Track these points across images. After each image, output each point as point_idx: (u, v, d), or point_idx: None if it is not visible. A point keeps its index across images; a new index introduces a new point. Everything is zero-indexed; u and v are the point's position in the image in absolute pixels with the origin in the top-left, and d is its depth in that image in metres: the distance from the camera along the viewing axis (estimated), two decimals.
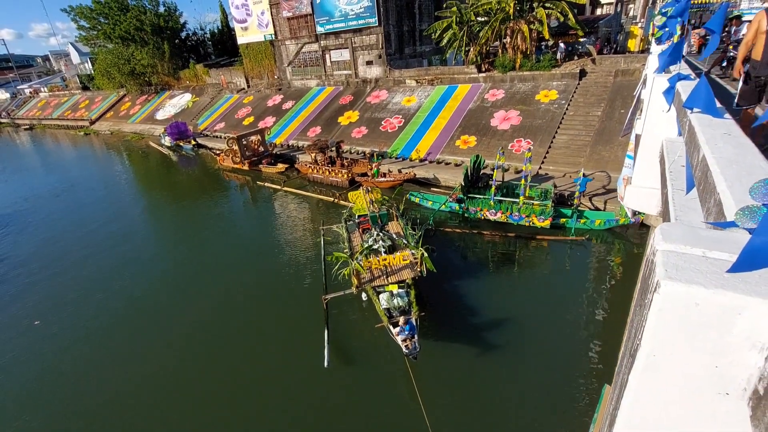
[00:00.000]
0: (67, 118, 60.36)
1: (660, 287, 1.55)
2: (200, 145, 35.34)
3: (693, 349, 1.62)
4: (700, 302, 1.52)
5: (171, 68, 50.62)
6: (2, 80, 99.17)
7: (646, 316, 1.66)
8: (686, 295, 1.53)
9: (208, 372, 10.35)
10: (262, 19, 37.89)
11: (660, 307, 1.58)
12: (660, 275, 1.58)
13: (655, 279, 1.58)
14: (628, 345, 2.08)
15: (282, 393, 9.62)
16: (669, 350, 1.66)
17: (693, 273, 1.57)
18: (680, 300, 1.55)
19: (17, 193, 29.01)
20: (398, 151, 24.12)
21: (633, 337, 1.93)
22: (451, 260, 14.26)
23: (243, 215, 21.86)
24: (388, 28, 31.26)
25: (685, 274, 1.56)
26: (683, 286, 1.53)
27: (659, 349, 1.68)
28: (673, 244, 1.70)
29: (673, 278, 1.55)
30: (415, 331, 9.38)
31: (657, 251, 1.70)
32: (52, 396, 10.01)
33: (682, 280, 1.54)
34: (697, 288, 1.52)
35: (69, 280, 15.70)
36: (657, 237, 1.76)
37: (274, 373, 10.26)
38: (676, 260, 1.64)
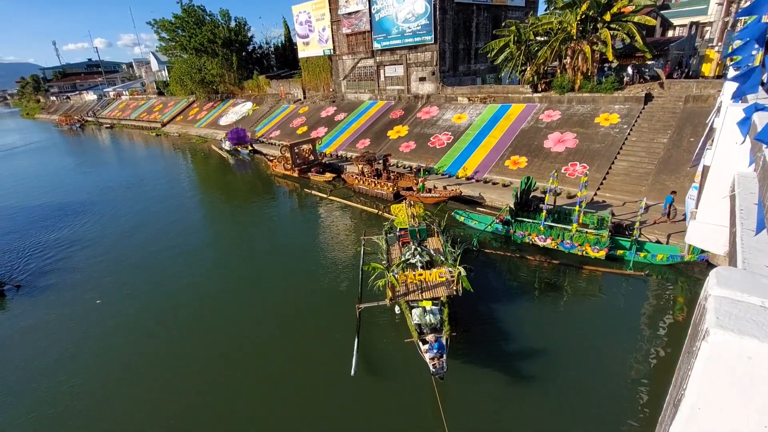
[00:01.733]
0: (142, 120, 66.43)
1: (709, 335, 1.44)
2: (256, 151, 37.34)
3: (741, 406, 1.48)
4: (753, 356, 1.40)
5: (237, 78, 54.27)
6: (92, 83, 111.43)
7: (692, 365, 1.55)
8: (738, 347, 1.42)
9: (239, 360, 10.78)
10: (323, 35, 39.71)
11: (708, 356, 1.47)
12: (710, 322, 1.47)
13: (705, 326, 1.48)
14: (672, 393, 1.93)
15: (306, 393, 9.82)
16: (715, 404, 1.53)
17: (748, 323, 1.45)
18: (731, 351, 1.43)
19: (94, 184, 32.25)
20: (445, 168, 24.01)
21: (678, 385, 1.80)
22: (491, 282, 13.84)
23: (288, 219, 22.69)
24: (443, 45, 31.53)
25: (738, 323, 1.45)
26: (735, 337, 1.41)
27: (704, 402, 1.55)
28: (729, 290, 1.57)
29: (724, 327, 1.44)
30: (444, 351, 9.19)
31: (709, 296, 1.59)
32: (106, 363, 10.87)
33: (734, 330, 1.42)
34: (751, 340, 1.39)
35: (128, 264, 17.16)
36: (711, 281, 1.64)
37: (301, 371, 10.51)
38: (730, 308, 1.51)
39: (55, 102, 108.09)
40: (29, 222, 23.33)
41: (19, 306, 14.29)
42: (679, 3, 37.05)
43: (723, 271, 1.68)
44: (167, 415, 9.37)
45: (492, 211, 18.74)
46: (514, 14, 35.27)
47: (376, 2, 33.32)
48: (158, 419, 9.26)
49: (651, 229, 15.07)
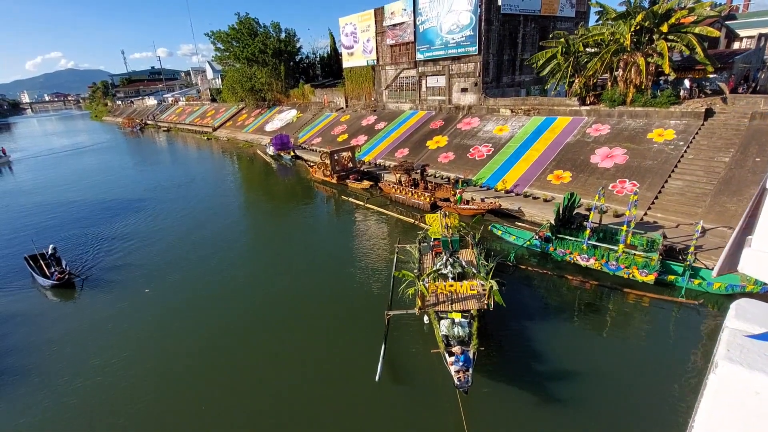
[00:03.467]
0: (195, 124, 70.57)
1: (717, 368, 1.35)
2: (298, 157, 38.53)
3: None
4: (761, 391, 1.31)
5: (284, 87, 56.52)
6: (153, 89, 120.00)
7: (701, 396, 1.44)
8: (746, 381, 1.34)
9: (266, 356, 11.05)
10: (367, 45, 40.54)
11: (716, 389, 1.38)
12: (720, 355, 1.41)
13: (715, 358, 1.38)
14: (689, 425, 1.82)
15: (329, 393, 9.94)
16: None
17: (759, 357, 1.36)
18: (739, 384, 1.35)
19: (150, 182, 34.66)
20: (484, 180, 23.56)
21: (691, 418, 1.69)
22: (526, 299, 13.33)
23: (325, 224, 23.11)
24: (487, 56, 31.19)
25: (749, 357, 1.36)
26: (744, 370, 1.34)
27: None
28: (746, 323, 1.50)
29: (733, 360, 1.37)
30: (470, 365, 9.06)
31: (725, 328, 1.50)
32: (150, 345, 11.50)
33: (743, 364, 1.35)
34: (759, 375, 1.31)
35: (175, 256, 18.25)
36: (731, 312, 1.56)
37: (326, 371, 10.66)
38: (743, 341, 1.44)
39: (120, 106, 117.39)
40: (92, 215, 25.30)
41: (86, 295, 15.31)
42: (746, 13, 34.52)
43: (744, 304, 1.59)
44: (195, 406, 9.71)
45: (531, 227, 18.12)
46: (563, 25, 34.31)
47: (421, 14, 33.61)
48: (187, 410, 9.62)
49: (708, 254, 13.93)
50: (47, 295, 15.00)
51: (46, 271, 15.75)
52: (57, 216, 25.62)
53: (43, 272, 15.74)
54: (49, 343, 12.38)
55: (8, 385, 10.70)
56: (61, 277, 15.06)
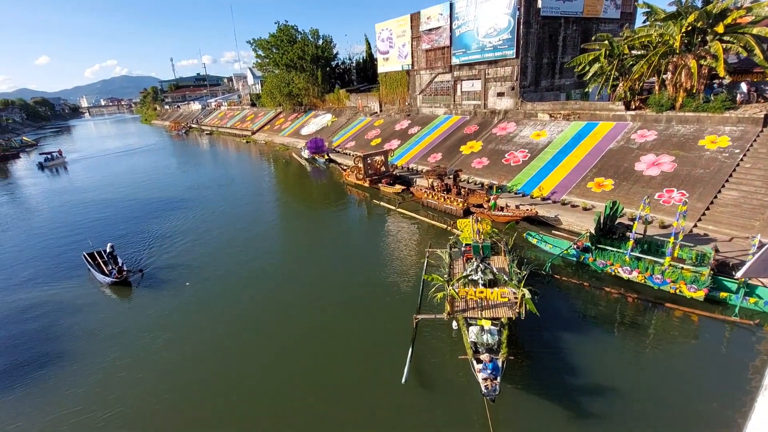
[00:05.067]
0: (236, 128, 73.47)
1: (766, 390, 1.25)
2: (331, 160, 39.18)
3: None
4: None
5: (320, 92, 57.77)
6: (198, 95, 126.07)
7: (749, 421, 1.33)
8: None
9: (295, 352, 11.22)
10: (402, 50, 40.72)
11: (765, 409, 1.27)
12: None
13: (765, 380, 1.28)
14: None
15: (354, 391, 10.07)
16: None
17: None
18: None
19: (193, 182, 36.48)
20: (519, 186, 22.97)
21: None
22: (561, 311, 12.84)
23: (356, 226, 23.33)
24: (525, 60, 30.48)
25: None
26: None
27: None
28: None
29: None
30: (498, 373, 8.93)
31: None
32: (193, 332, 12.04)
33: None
34: None
35: (214, 251, 19.23)
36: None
37: (352, 370, 10.79)
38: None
39: (168, 110, 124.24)
40: (141, 213, 26.88)
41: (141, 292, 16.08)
42: None
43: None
44: (225, 397, 10.03)
45: (569, 236, 17.45)
46: (607, 27, 32.98)
47: (458, 18, 33.39)
48: (218, 401, 9.97)
49: None
50: (105, 292, 15.88)
51: (104, 269, 16.59)
52: (109, 213, 27.40)
53: (101, 269, 16.61)
54: (108, 332, 13.22)
55: (75, 365, 11.52)
56: (119, 276, 15.77)
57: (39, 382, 11.16)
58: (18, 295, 16.14)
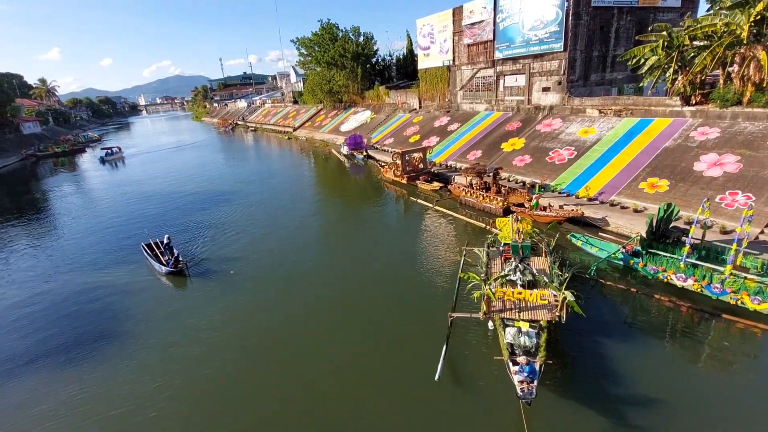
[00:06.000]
0: (278, 125, 75.80)
1: None
2: (370, 156, 39.48)
3: None
4: None
5: (359, 89, 58.29)
6: (244, 93, 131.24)
7: None
8: None
9: (329, 340, 11.48)
10: (444, 46, 40.15)
11: None
12: None
13: None
14: None
15: (387, 385, 10.14)
16: None
17: None
18: None
19: (238, 176, 38.24)
20: (563, 186, 22.02)
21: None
22: (605, 317, 12.23)
23: (393, 222, 23.40)
24: (573, 53, 29.08)
25: None
26: None
27: None
28: None
29: None
30: (535, 376, 8.70)
31: None
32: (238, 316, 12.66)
33: None
34: None
35: (256, 243, 20.08)
36: None
37: (386, 365, 10.87)
38: None
39: (216, 108, 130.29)
40: (191, 205, 28.49)
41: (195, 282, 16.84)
42: None
43: None
44: (260, 387, 10.44)
45: (617, 239, 16.54)
46: (666, 16, 30.73)
47: (502, 11, 32.41)
48: (252, 390, 10.38)
49: None
50: (161, 280, 16.88)
51: (161, 259, 17.59)
52: (162, 205, 29.24)
53: (159, 259, 17.62)
54: (163, 315, 14.20)
55: (131, 340, 12.49)
56: (176, 266, 16.66)
57: (101, 353, 12.20)
58: (84, 278, 17.63)
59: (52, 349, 12.67)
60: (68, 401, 10.41)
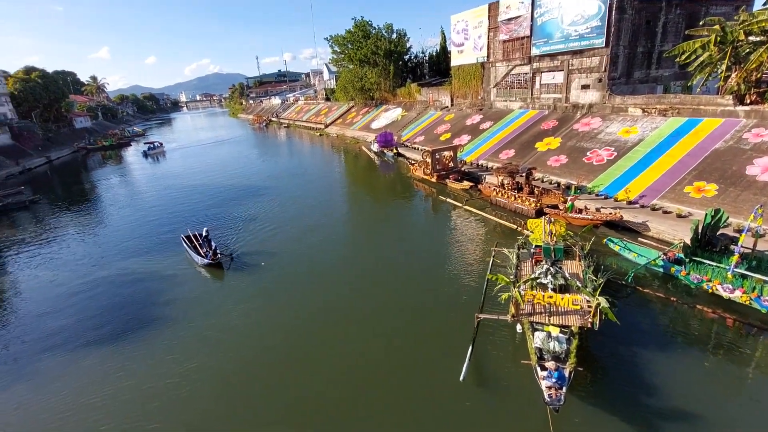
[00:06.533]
0: (310, 121, 77.07)
1: None
2: (399, 154, 39.44)
3: None
4: None
5: (391, 86, 58.26)
6: (279, 90, 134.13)
7: None
8: None
9: (352, 340, 11.59)
10: (478, 42, 39.41)
11: None
12: None
13: None
14: None
15: (412, 383, 10.14)
16: None
17: None
18: None
19: (270, 171, 39.29)
20: (601, 188, 21.15)
21: None
22: (641, 326, 11.68)
23: (421, 221, 23.29)
24: (616, 49, 27.79)
25: None
26: None
27: None
28: None
29: None
30: (564, 383, 8.45)
31: None
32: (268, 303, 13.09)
33: None
34: None
35: (287, 237, 20.64)
36: None
37: (410, 363, 10.86)
38: None
39: (252, 105, 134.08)
40: (226, 198, 29.52)
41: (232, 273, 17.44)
42: None
43: None
44: (284, 384, 10.69)
45: (658, 245, 15.74)
46: (719, 10, 28.77)
47: (540, 5, 31.42)
48: (280, 383, 10.67)
49: None
50: (200, 271, 17.53)
51: (200, 251, 18.21)
52: (199, 198, 30.46)
53: (197, 251, 18.26)
54: (200, 302, 14.88)
55: (170, 324, 13.18)
56: (214, 258, 17.23)
57: (142, 333, 12.98)
58: (128, 264, 18.68)
59: (99, 327, 13.62)
60: (113, 373, 11.26)
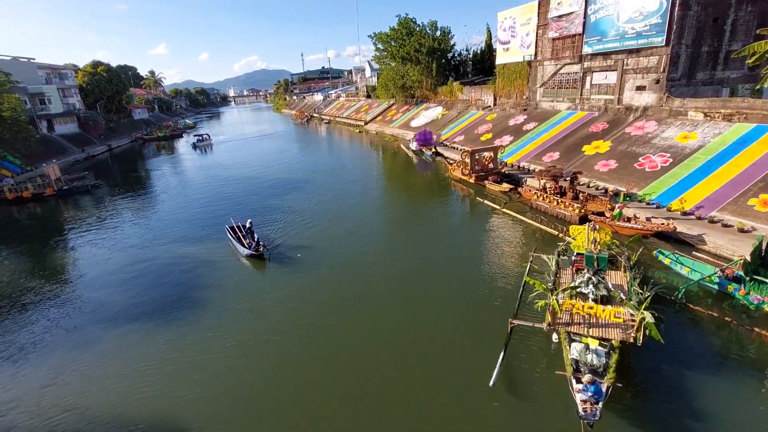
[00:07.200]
0: (351, 118, 77.97)
1: None
2: (438, 153, 39.04)
3: None
4: None
5: (433, 84, 57.68)
6: (321, 87, 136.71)
7: None
8: None
9: (384, 333, 11.62)
10: (525, 40, 38.13)
11: None
12: None
13: None
14: None
15: (440, 385, 10.01)
16: None
17: None
18: None
19: (310, 166, 40.23)
20: (653, 196, 19.86)
21: None
22: (690, 346, 10.87)
23: (456, 221, 22.94)
24: (677, 48, 25.92)
25: None
26: None
27: None
28: None
29: None
30: (601, 398, 8.10)
31: None
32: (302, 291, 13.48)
33: None
34: None
35: (324, 229, 21.24)
36: None
37: (439, 362, 10.76)
38: None
39: (295, 100, 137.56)
40: (267, 191, 30.58)
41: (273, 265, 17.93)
42: None
43: None
44: (315, 384, 10.84)
45: (715, 260, 14.55)
46: None
47: (595, 2, 29.87)
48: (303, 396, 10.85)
49: None
50: (242, 261, 18.15)
51: (243, 242, 18.76)
52: (242, 190, 31.74)
53: (241, 242, 18.82)
54: (241, 288, 15.55)
55: (211, 306, 13.88)
56: (257, 250, 17.77)
57: (186, 313, 13.79)
58: (176, 249, 19.81)
59: (148, 303, 14.68)
60: (160, 345, 12.21)
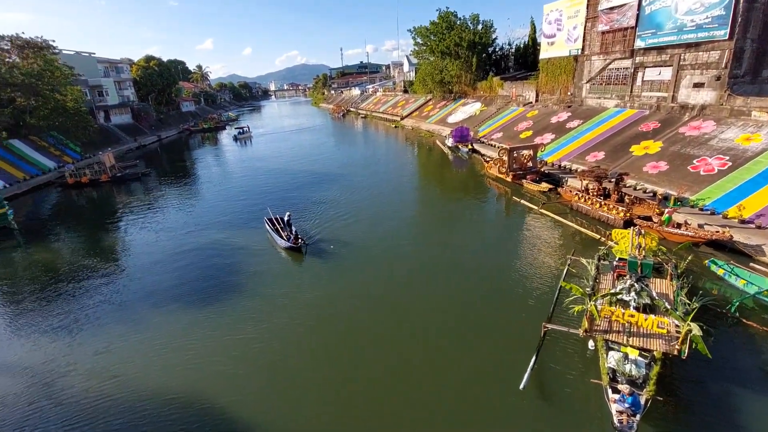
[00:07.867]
0: (387, 113, 77.94)
1: None
2: (474, 150, 38.26)
3: None
4: None
5: (472, 79, 56.44)
6: (359, 81, 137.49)
7: None
8: None
9: (416, 329, 11.77)
10: (572, 33, 36.43)
11: None
12: None
13: None
14: None
15: (468, 383, 9.93)
16: None
17: None
18: None
19: (346, 160, 40.76)
20: (708, 202, 18.50)
21: None
22: (741, 364, 10.08)
23: (491, 221, 22.46)
24: (742, 42, 23.87)
25: None
26: None
27: None
28: None
29: None
30: (639, 410, 7.76)
31: None
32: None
33: None
34: None
35: (358, 223, 21.54)
36: None
37: (469, 362, 10.63)
38: None
39: (333, 95, 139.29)
40: (304, 184, 31.25)
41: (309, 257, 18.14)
42: None
43: None
44: (339, 395, 10.90)
45: None
46: None
47: None
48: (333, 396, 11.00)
49: None
50: (280, 253, 18.58)
51: (281, 234, 19.14)
52: (279, 181, 32.61)
53: (279, 234, 19.18)
54: (277, 277, 16.10)
55: (247, 290, 14.48)
56: (296, 242, 18.08)
57: (223, 297, 14.52)
58: (217, 236, 20.71)
59: (190, 284, 15.68)
60: (201, 322, 13.09)
